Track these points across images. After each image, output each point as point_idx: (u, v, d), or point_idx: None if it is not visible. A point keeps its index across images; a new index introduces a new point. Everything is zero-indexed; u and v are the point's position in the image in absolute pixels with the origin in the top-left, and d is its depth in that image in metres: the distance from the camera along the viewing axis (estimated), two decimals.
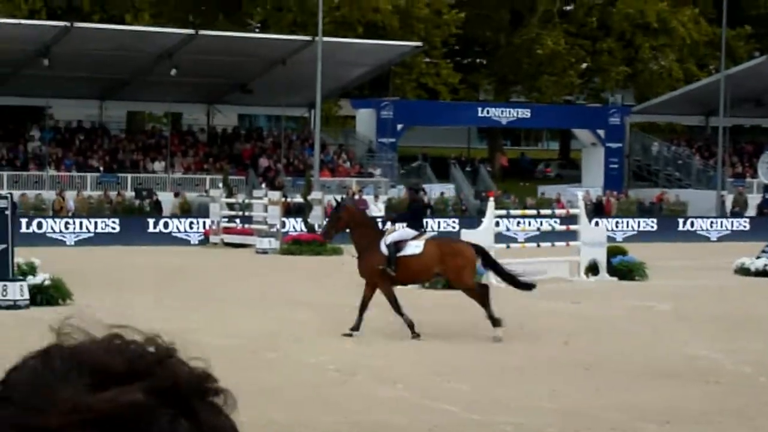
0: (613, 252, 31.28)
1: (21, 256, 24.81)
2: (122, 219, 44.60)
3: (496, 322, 19.31)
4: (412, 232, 20.49)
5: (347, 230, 20.62)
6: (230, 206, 43.22)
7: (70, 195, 48.01)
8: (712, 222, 50.40)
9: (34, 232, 41.06)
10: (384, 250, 19.96)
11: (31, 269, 24.34)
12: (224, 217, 42.67)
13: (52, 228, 42.47)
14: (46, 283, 24.05)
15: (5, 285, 23.20)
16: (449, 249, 20.39)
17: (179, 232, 43.76)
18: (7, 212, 24.35)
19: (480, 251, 20.61)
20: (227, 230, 42.47)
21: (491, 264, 20.86)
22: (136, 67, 52.14)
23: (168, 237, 43.00)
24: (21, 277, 23.64)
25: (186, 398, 1.19)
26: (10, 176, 49.15)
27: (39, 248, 35.50)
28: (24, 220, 41.11)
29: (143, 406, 1.17)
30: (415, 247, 20.12)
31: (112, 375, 1.17)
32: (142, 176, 51.66)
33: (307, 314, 21.99)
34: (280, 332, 19.84)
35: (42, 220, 42.98)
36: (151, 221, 44.34)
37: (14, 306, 22.97)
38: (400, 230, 20.54)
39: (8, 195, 27.68)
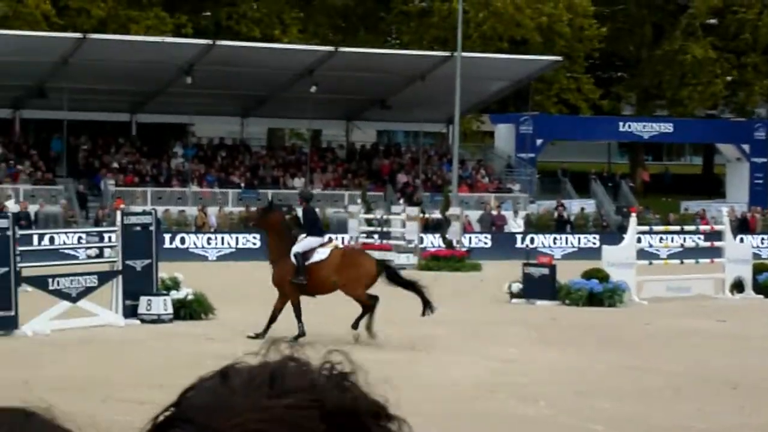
0: (759, 269, 30.59)
1: (164, 271, 25.17)
2: (262, 234, 44.95)
3: (370, 331, 20.26)
4: (318, 240, 21.38)
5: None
6: (368, 222, 43.34)
7: (212, 211, 48.68)
8: None
9: (177, 247, 41.75)
10: (293, 260, 20.88)
11: (175, 284, 24.68)
12: (362, 232, 42.81)
13: (194, 243, 43.13)
14: (189, 297, 24.36)
15: (150, 299, 23.58)
16: (350, 260, 21.18)
17: None
18: (152, 228, 24.76)
19: (384, 267, 21.32)
20: (365, 246, 42.55)
21: (396, 281, 21.06)
22: (277, 84, 52.68)
23: None
24: (165, 292, 23.99)
25: (360, 419, 1.18)
26: (154, 192, 50.05)
27: (182, 263, 36.04)
28: (167, 236, 41.81)
29: (317, 419, 1.16)
30: (321, 254, 21.03)
31: (290, 392, 1.15)
32: (282, 192, 52.11)
33: (443, 330, 21.85)
34: (417, 347, 19.75)
35: (185, 236, 43.68)
36: None
37: (158, 320, 23.32)
38: (303, 240, 21.20)
39: (152, 211, 28.20)
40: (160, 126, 56.43)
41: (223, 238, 43.77)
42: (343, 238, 43.52)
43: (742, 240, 38.92)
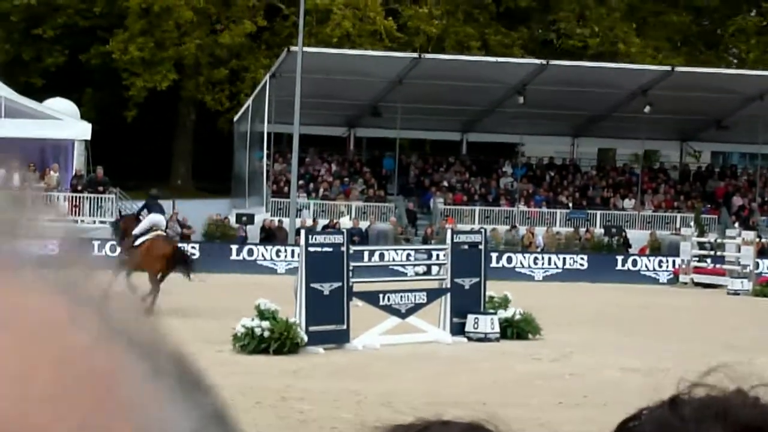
0: None
1: (492, 290, 25.11)
2: (590, 255, 44.47)
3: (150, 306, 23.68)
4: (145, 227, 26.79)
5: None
6: (701, 245, 42.06)
7: (540, 231, 48.46)
8: None
9: (503, 266, 41.75)
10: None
11: (505, 302, 24.57)
12: (695, 256, 41.57)
13: (521, 263, 43.02)
14: (517, 317, 24.20)
15: (477, 318, 23.55)
16: (151, 244, 25.96)
17: (648, 270, 43.09)
18: (481, 246, 24.76)
19: (179, 256, 26.38)
20: (698, 270, 41.35)
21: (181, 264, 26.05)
22: (609, 104, 52.01)
23: (636, 275, 42.45)
24: (492, 311, 23.92)
25: None
26: (482, 211, 50.30)
27: (508, 282, 36.00)
28: (494, 255, 41.89)
29: None
30: (141, 240, 26.24)
31: (746, 427, 1.05)
32: (612, 213, 51.38)
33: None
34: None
35: (512, 255, 43.64)
36: (619, 259, 43.94)
37: (485, 338, 23.25)
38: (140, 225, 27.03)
39: (482, 230, 28.24)
40: (490, 145, 56.78)
41: (550, 258, 43.47)
42: (674, 262, 42.43)
43: None
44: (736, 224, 47.65)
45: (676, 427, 1.07)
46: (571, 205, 51.82)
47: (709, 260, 41.50)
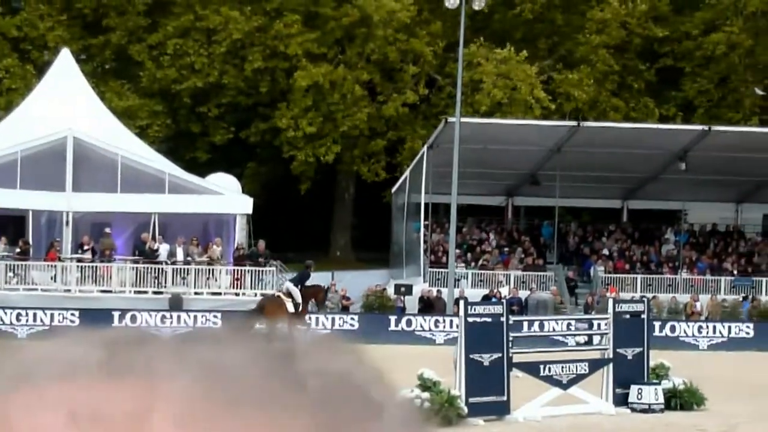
0: None
1: (655, 359, 24.64)
2: (757, 324, 43.33)
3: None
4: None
5: None
6: None
7: (704, 298, 47.44)
8: None
9: (666, 335, 40.95)
10: None
11: (663, 370, 24.05)
12: None
13: (684, 332, 42.14)
14: (680, 387, 23.68)
15: (641, 388, 23.12)
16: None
17: None
18: (644, 316, 24.36)
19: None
20: None
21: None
22: None
23: None
24: (656, 381, 23.45)
25: None
26: (644, 279, 49.51)
27: (672, 352, 35.26)
28: (657, 323, 41.12)
29: None
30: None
31: None
32: None
33: None
34: None
35: (675, 324, 42.78)
36: None
37: (649, 409, 22.80)
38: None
39: (645, 299, 27.78)
40: (651, 212, 56.05)
41: (714, 327, 42.50)
42: None
43: None
44: None
45: None
46: (735, 272, 50.67)
47: None
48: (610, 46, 57.54)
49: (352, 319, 41.89)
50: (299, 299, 36.14)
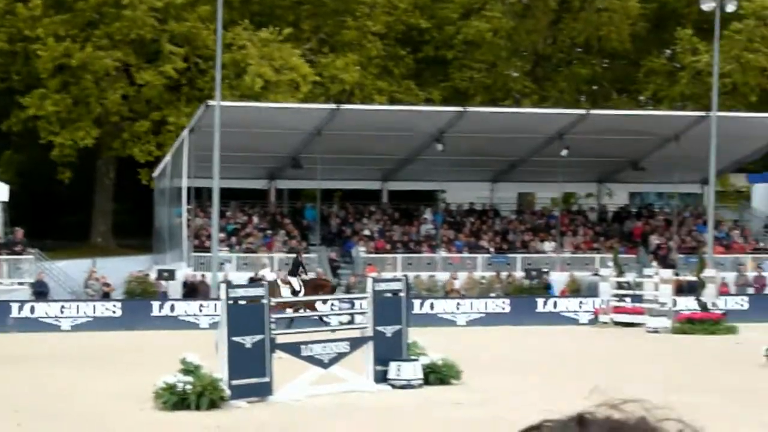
0: None
1: (415, 337, 25.26)
2: (512, 299, 44.83)
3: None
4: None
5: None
6: (620, 285, 42.59)
7: (462, 276, 48.76)
8: None
9: (426, 313, 41.93)
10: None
11: (418, 350, 24.65)
12: (614, 295, 42.08)
13: (443, 309, 43.22)
14: (439, 362, 24.37)
15: (400, 365, 23.68)
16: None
17: (568, 311, 43.53)
18: (402, 294, 24.94)
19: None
20: (617, 309, 41.85)
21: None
22: (527, 149, 52.60)
23: (557, 316, 42.85)
24: (415, 357, 24.07)
25: None
26: (404, 258, 50.53)
27: (431, 328, 36.19)
28: (417, 302, 42.06)
29: None
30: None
31: None
32: (532, 256, 51.87)
33: (706, 397, 21.11)
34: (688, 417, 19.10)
35: (434, 301, 43.84)
36: (540, 301, 44.35)
37: (408, 385, 23.39)
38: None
39: (403, 277, 28.40)
40: (410, 193, 57.15)
41: (472, 303, 43.75)
42: (594, 302, 42.95)
43: None
44: (654, 263, 48.30)
45: None
46: (492, 249, 52.23)
47: (628, 299, 42.00)
48: (376, 33, 58.17)
49: (114, 305, 41.41)
50: (297, 287, 35.92)
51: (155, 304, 41.67)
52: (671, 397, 20.45)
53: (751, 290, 48.62)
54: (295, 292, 35.39)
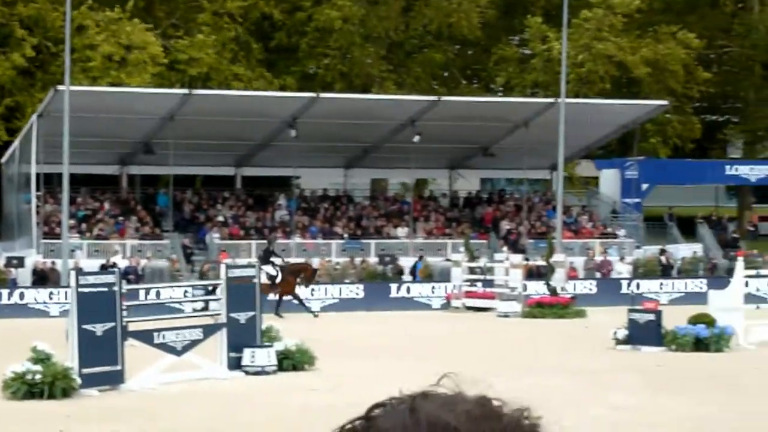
0: None
1: (267, 322, 25.31)
2: (366, 285, 45.13)
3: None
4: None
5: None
6: (472, 270, 43.19)
7: (316, 262, 48.86)
8: None
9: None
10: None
11: (274, 334, 24.73)
12: (466, 280, 42.66)
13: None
14: (292, 348, 24.45)
15: (254, 351, 23.71)
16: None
17: (421, 296, 43.99)
18: (256, 280, 24.94)
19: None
20: (469, 294, 42.44)
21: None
22: (380, 135, 52.93)
23: (410, 302, 43.28)
24: (268, 344, 24.11)
25: None
26: (259, 245, 50.42)
27: (287, 314, 36.28)
28: None
29: None
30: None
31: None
32: (386, 242, 52.24)
33: (555, 379, 21.60)
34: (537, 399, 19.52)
35: None
36: (393, 286, 44.74)
37: (262, 372, 23.43)
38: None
39: (256, 263, 28.38)
40: (265, 179, 57.01)
41: (326, 289, 43.92)
42: (446, 287, 43.48)
43: None
44: (505, 248, 49.03)
45: (413, 426, 1.28)
46: (346, 235, 52.46)
47: (479, 284, 42.62)
48: (231, 15, 57.67)
49: None
50: (273, 272, 37.35)
51: (4, 292, 40.88)
52: (524, 380, 20.96)
53: (598, 274, 49.72)
54: (271, 278, 36.25)
